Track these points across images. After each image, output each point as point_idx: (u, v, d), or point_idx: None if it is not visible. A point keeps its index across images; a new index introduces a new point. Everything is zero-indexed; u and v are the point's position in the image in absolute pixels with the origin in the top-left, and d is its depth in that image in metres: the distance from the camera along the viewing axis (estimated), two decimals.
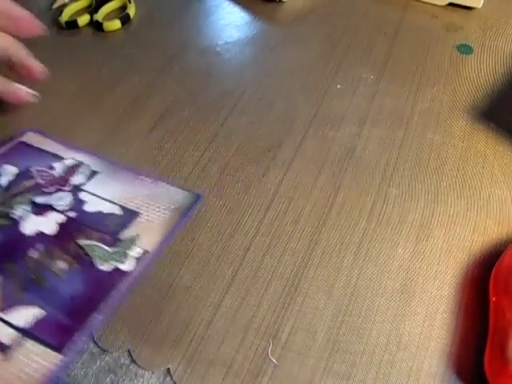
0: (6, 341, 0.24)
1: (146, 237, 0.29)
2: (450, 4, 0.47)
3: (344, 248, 0.30)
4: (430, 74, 0.41)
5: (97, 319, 0.25)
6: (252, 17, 0.47)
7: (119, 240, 0.28)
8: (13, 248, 0.28)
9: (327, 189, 0.33)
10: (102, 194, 0.31)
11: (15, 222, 0.29)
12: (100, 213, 0.29)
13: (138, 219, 0.29)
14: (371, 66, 0.42)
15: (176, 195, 0.31)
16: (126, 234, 0.29)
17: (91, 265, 0.27)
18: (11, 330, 0.24)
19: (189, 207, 0.30)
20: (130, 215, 0.29)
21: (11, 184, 0.31)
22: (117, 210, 0.30)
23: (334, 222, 0.31)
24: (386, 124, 0.37)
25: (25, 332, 0.25)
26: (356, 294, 0.28)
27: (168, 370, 0.25)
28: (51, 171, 0.32)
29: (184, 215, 0.30)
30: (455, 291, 0.28)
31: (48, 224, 0.29)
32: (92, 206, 0.30)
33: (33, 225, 0.29)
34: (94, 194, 0.31)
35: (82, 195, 0.31)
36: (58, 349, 0.24)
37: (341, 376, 0.25)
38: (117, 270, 0.27)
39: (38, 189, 0.31)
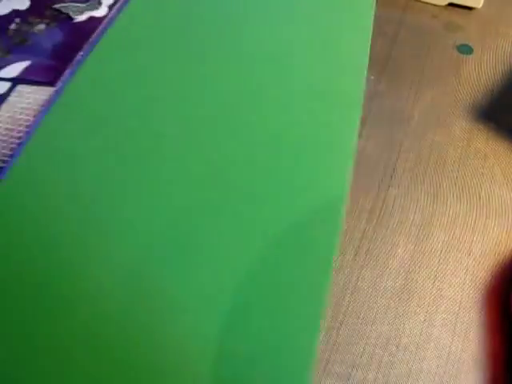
0: (1, 91, 0.26)
1: None
2: (450, 4, 0.47)
3: (344, 248, 0.30)
4: (430, 73, 0.41)
5: (81, 57, 0.27)
6: None
7: None
8: None
9: None
10: None
11: None
12: None
13: None
14: (371, 65, 0.42)
15: None
16: None
17: (68, 19, 0.29)
18: (3, 82, 0.26)
19: None
20: None
21: None
22: None
23: None
24: (386, 124, 0.37)
25: (17, 80, 0.26)
26: (356, 294, 0.28)
27: None
28: None
29: None
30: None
31: (20, 2, 0.30)
32: None
33: (6, 5, 0.30)
34: None
35: None
36: (49, 83, 0.26)
37: (340, 377, 0.25)
38: (92, 18, 0.29)
39: None
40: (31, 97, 0.25)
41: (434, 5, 0.47)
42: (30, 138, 0.22)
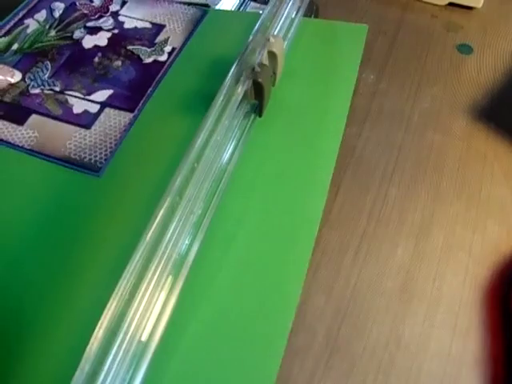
0: (94, 110, 0.36)
1: (173, 38, 0.41)
2: (450, 4, 0.47)
3: (344, 248, 0.30)
4: (430, 73, 0.41)
5: (150, 91, 0.37)
6: None
7: (155, 43, 0.41)
8: (80, 57, 0.40)
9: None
10: (135, 15, 0.43)
11: (77, 42, 0.41)
12: (136, 28, 0.42)
13: (165, 29, 0.42)
14: (371, 66, 0.42)
15: (187, 11, 0.44)
16: (159, 39, 0.41)
17: (138, 60, 0.39)
18: (95, 105, 0.36)
19: (198, 19, 0.43)
20: (158, 27, 0.42)
21: (63, 16, 0.43)
22: (148, 25, 0.42)
23: (333, 222, 0.31)
24: (386, 124, 0.37)
25: (104, 104, 0.36)
26: (356, 294, 0.28)
27: None
28: (92, 3, 0.44)
29: (196, 23, 0.43)
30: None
31: (101, 39, 0.41)
32: (129, 24, 0.43)
33: (90, 41, 0.41)
34: (129, 16, 0.43)
35: (120, 18, 0.43)
36: (129, 110, 0.36)
37: (340, 377, 0.25)
38: (156, 61, 0.39)
39: (86, 17, 0.43)
40: (116, 118, 0.35)
41: (434, 5, 0.47)
42: (118, 148, 0.33)
